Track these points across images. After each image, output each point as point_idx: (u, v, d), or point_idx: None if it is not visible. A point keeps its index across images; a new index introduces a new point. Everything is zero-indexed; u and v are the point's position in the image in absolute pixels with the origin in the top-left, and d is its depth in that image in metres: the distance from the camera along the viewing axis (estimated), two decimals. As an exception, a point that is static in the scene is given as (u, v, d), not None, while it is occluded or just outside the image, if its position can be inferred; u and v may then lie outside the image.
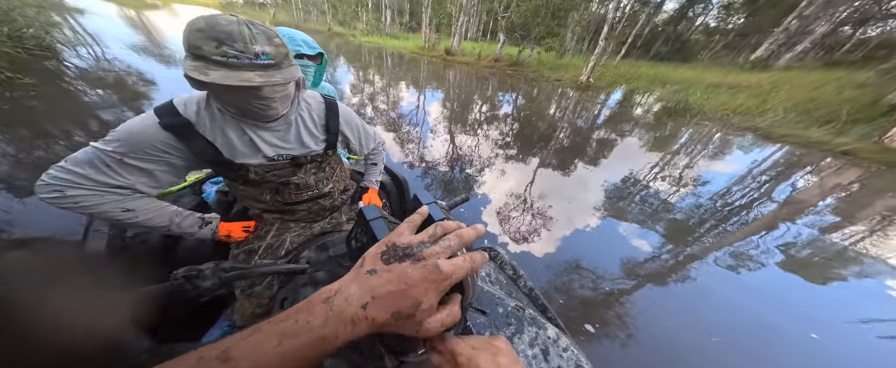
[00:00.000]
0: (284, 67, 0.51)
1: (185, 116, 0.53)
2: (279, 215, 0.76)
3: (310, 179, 0.73)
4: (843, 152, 4.60)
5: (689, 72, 11.06)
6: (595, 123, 5.34)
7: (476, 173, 2.79)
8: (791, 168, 4.10)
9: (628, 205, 2.59)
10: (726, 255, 2.06)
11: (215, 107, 0.56)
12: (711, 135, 5.33)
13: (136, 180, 0.53)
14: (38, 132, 2.26)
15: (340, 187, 0.85)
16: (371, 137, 0.86)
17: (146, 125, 0.51)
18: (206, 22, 0.44)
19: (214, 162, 0.58)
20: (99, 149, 0.49)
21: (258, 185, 0.67)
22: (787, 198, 3.14)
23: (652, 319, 1.44)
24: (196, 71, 0.44)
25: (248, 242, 0.74)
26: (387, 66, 9.30)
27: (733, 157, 4.32)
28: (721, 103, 6.87)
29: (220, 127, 0.56)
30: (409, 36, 18.18)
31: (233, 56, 0.44)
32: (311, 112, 0.68)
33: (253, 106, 0.53)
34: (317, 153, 0.70)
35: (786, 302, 1.70)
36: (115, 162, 0.50)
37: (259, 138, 0.60)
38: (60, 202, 0.48)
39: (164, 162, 0.54)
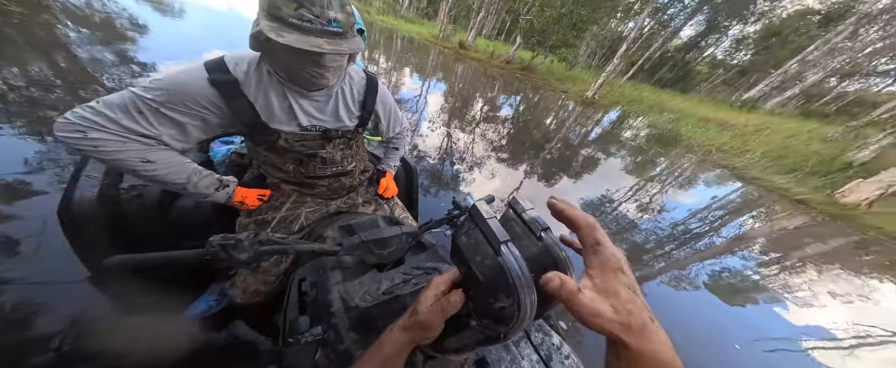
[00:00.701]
0: (350, 38, 0.51)
1: (234, 75, 0.53)
2: (298, 187, 0.73)
3: (337, 154, 0.71)
4: (798, 200, 5.12)
5: (685, 102, 11.45)
6: (589, 139, 5.56)
7: (464, 170, 2.81)
8: (750, 207, 4.56)
9: (600, 223, 2.88)
10: (671, 277, 2.37)
11: (265, 69, 0.55)
12: (686, 167, 5.71)
13: (166, 131, 0.51)
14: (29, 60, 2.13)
15: (361, 167, 0.84)
16: (399, 120, 0.85)
17: (194, 78, 0.50)
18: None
19: (250, 124, 0.57)
20: (137, 95, 0.47)
21: (284, 153, 0.65)
22: (739, 234, 3.55)
23: None
24: (273, 32, 0.44)
25: (260, 211, 0.70)
26: (396, 49, 9.06)
27: (696, 189, 4.70)
28: (708, 138, 7.28)
29: (264, 89, 0.56)
30: (424, 22, 17.49)
31: (307, 20, 0.45)
32: (353, 86, 0.67)
33: (307, 73, 0.53)
34: (348, 129, 0.69)
35: (710, 318, 2.04)
36: (151, 110, 0.48)
37: (298, 106, 0.59)
38: (78, 143, 0.45)
39: (200, 117, 0.53)
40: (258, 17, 0.47)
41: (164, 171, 0.53)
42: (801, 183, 5.51)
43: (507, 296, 0.20)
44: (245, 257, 0.37)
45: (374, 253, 0.54)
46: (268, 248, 0.39)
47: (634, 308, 0.17)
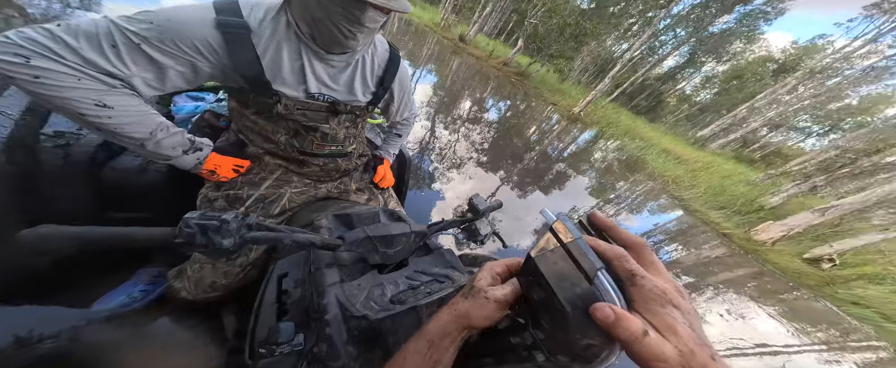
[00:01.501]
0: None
1: (245, 20, 0.45)
2: (285, 162, 0.63)
3: (340, 131, 0.62)
4: (725, 234, 6.00)
5: (653, 132, 12.55)
6: (560, 153, 5.81)
7: (441, 168, 2.76)
8: (684, 236, 5.25)
9: None
10: None
11: (284, 20, 0.47)
12: (642, 192, 6.33)
13: (140, 73, 0.41)
14: None
15: (360, 150, 0.76)
16: (411, 104, 0.78)
17: (197, 17, 0.42)
18: None
19: (250, 80, 0.49)
20: (117, 24, 0.38)
21: (278, 120, 0.55)
22: (674, 259, 4.08)
23: None
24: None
25: (233, 185, 0.58)
26: (391, 30, 8.40)
27: (643, 214, 5.24)
28: (667, 170, 8.11)
29: (277, 43, 0.48)
30: (427, 6, 16.42)
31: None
32: (375, 57, 0.60)
33: (342, 29, 0.46)
34: (359, 104, 0.61)
35: None
36: (129, 46, 0.38)
37: (310, 68, 0.52)
38: (13, 70, 0.33)
39: (190, 63, 0.43)
40: None
41: (121, 120, 0.41)
42: (728, 219, 6.45)
43: (599, 333, 0.17)
44: (229, 243, 0.28)
45: (378, 252, 0.44)
46: (259, 235, 0.31)
47: (696, 349, 0.15)
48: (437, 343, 0.24)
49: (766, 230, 6.07)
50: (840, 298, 5.06)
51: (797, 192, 7.43)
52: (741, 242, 5.86)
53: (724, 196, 7.32)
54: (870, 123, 10.44)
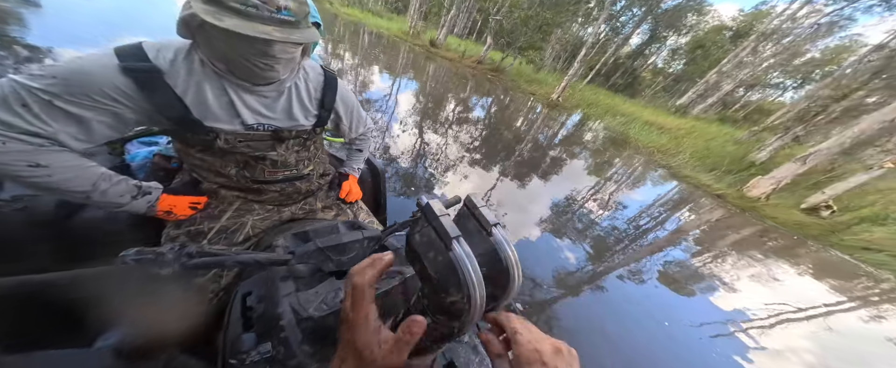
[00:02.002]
0: (303, 28, 0.46)
1: (153, 63, 0.44)
2: (242, 193, 0.64)
3: (290, 157, 0.64)
4: (717, 195, 5.94)
5: (633, 107, 12.66)
6: (554, 141, 5.79)
7: (437, 172, 2.76)
8: (682, 203, 5.15)
9: (565, 221, 2.91)
10: (627, 270, 2.51)
11: (198, 58, 0.47)
12: (636, 168, 6.30)
13: (62, 128, 0.41)
14: None
15: (320, 170, 0.76)
16: (363, 120, 0.79)
17: (100, 65, 0.41)
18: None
19: (178, 120, 0.48)
20: (21, 84, 0.37)
21: (224, 155, 0.56)
22: (675, 227, 3.97)
23: (566, 315, 1.79)
24: (209, 14, 0.38)
25: (192, 222, 0.59)
26: (363, 44, 8.49)
27: (647, 188, 5.21)
28: (650, 141, 8.12)
29: (196, 82, 0.47)
30: (394, 17, 16.54)
31: (252, 5, 0.39)
32: (308, 83, 0.61)
33: (254, 64, 0.46)
34: (304, 129, 0.62)
35: (662, 308, 2.22)
36: (41, 103, 0.38)
37: (241, 102, 0.52)
38: None
39: (109, 112, 0.43)
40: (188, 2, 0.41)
41: (60, 177, 0.43)
42: (720, 180, 6.41)
43: (458, 291, 0.21)
44: (167, 271, 0.31)
45: (332, 260, 0.49)
46: (199, 261, 0.32)
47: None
48: None
49: (756, 185, 6.04)
50: (848, 245, 4.97)
51: (782, 144, 7.48)
52: (736, 201, 5.80)
53: (712, 158, 7.32)
54: (835, 72, 10.81)
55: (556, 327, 1.67)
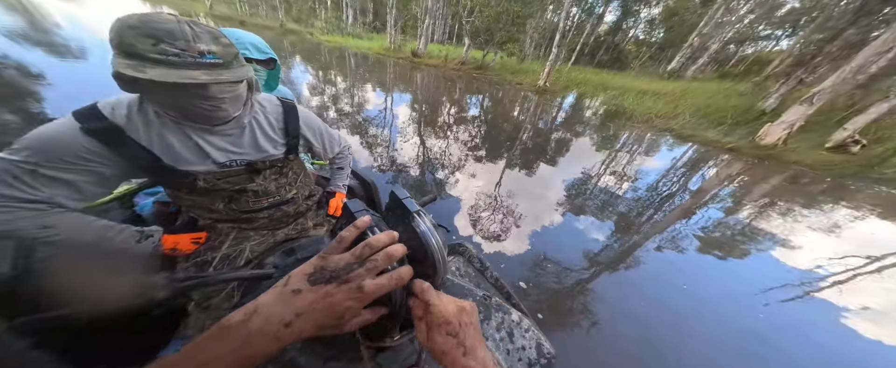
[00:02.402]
0: (234, 67, 0.47)
1: (111, 120, 0.46)
2: (235, 224, 0.69)
3: (270, 185, 0.67)
4: (730, 148, 5.66)
5: (624, 79, 12.45)
6: (552, 124, 5.68)
7: (446, 176, 2.76)
8: (698, 163, 4.88)
9: (583, 201, 2.80)
10: (660, 240, 2.33)
11: (151, 110, 0.49)
12: (642, 135, 6.08)
13: (55, 192, 0.45)
14: None
15: (305, 192, 0.79)
16: (335, 140, 0.82)
17: (63, 131, 0.44)
18: (139, 19, 0.39)
19: (153, 169, 0.52)
20: (5, 159, 0.42)
21: (208, 193, 0.61)
22: (698, 188, 3.72)
23: (605, 296, 1.66)
24: (130, 68, 0.39)
25: (198, 254, 0.66)
26: (350, 66, 8.70)
27: (659, 154, 4.99)
28: (647, 108, 7.90)
29: (157, 132, 0.50)
30: (373, 36, 17.11)
31: (173, 54, 0.40)
32: (267, 115, 0.63)
33: (199, 108, 0.48)
34: (277, 158, 0.65)
35: (708, 278, 2.00)
36: (27, 173, 0.43)
37: (207, 143, 0.54)
38: None
39: (90, 171, 0.47)
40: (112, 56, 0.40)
41: (67, 234, 0.47)
42: (729, 134, 6.12)
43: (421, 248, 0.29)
44: (162, 294, 0.35)
45: None
46: (189, 283, 0.37)
47: None
48: None
49: (768, 132, 5.73)
50: (891, 178, 4.55)
51: (788, 89, 7.14)
52: (751, 151, 5.51)
53: (716, 114, 7.03)
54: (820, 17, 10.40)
55: (602, 312, 1.50)
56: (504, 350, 0.54)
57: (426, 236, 0.29)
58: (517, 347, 0.54)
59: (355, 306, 0.22)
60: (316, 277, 0.22)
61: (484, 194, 2.52)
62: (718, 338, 1.50)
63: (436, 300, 0.25)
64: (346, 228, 0.26)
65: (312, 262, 0.24)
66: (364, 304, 0.22)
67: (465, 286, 0.63)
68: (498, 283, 0.78)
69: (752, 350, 1.45)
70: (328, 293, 0.21)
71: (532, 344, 0.55)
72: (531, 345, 0.55)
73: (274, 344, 0.20)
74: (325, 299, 0.21)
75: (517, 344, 0.54)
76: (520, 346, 0.54)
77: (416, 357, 0.41)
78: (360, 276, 0.22)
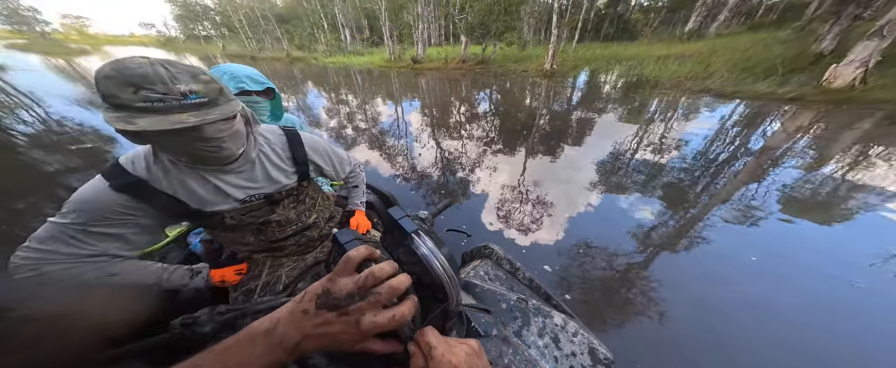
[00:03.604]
0: (221, 103, 0.46)
1: (134, 175, 0.49)
2: (268, 253, 0.73)
3: (290, 214, 0.70)
4: (792, 98, 4.89)
5: (637, 49, 11.64)
6: (569, 106, 5.32)
7: (467, 175, 2.65)
8: (755, 119, 4.24)
9: (622, 178, 2.55)
10: (727, 210, 1.98)
11: (166, 159, 0.52)
12: (675, 100, 5.50)
13: (108, 245, 0.50)
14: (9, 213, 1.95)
15: (325, 215, 0.81)
16: (345, 160, 0.82)
17: (97, 191, 0.48)
18: (112, 67, 0.38)
19: (184, 214, 0.55)
20: (57, 223, 0.47)
21: (238, 229, 0.65)
22: (762, 147, 3.17)
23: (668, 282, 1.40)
24: (121, 121, 0.39)
25: (244, 283, 0.71)
26: (357, 83, 8.89)
27: (701, 117, 4.43)
28: (673, 72, 7.21)
29: (177, 179, 0.53)
30: (373, 51, 17.64)
31: (157, 99, 0.39)
32: (273, 146, 0.65)
33: (202, 150, 0.49)
34: (291, 187, 0.67)
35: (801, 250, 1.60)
36: (79, 232, 0.48)
37: (224, 183, 0.57)
38: (40, 280, 0.47)
39: (132, 223, 0.51)
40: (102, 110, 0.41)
41: (131, 278, 0.54)
42: (785, 84, 5.32)
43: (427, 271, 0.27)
44: (209, 329, 0.39)
45: None
46: (229, 316, 0.41)
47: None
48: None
49: (836, 75, 4.89)
50: None
51: (842, 28, 6.14)
52: (820, 97, 4.71)
53: (760, 66, 6.20)
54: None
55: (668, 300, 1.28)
56: (550, 357, 0.50)
57: (428, 258, 0.27)
58: (566, 354, 0.50)
59: (353, 340, 0.21)
60: (321, 301, 0.22)
61: (509, 186, 2.41)
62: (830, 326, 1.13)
63: (439, 345, 0.23)
64: (356, 247, 0.25)
65: (323, 282, 0.23)
66: (364, 339, 0.22)
67: (497, 292, 0.58)
68: (533, 284, 0.73)
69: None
70: (327, 322, 0.21)
71: (584, 350, 0.50)
72: (583, 350, 0.50)
73: (289, 357, 0.21)
74: (325, 326, 0.21)
75: (565, 351, 0.50)
76: (568, 352, 0.50)
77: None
78: (359, 310, 0.21)
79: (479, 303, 0.56)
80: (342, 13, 19.98)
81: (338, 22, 20.46)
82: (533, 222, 1.94)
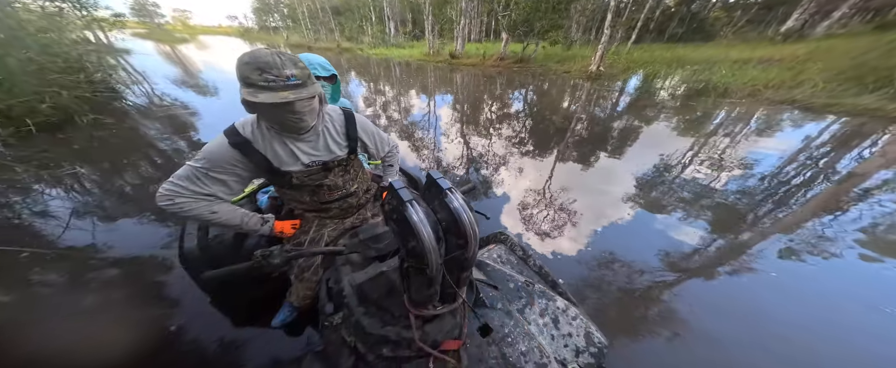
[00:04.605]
0: (309, 85, 0.63)
1: (243, 136, 0.67)
2: (317, 213, 0.91)
3: (339, 180, 0.85)
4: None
5: (711, 50, 10.40)
6: (613, 111, 5.13)
7: (491, 173, 2.76)
8: (851, 139, 3.66)
9: (663, 194, 2.44)
10: (792, 240, 1.80)
11: (264, 126, 0.69)
12: (748, 112, 4.95)
13: (217, 188, 0.68)
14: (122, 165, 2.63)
15: (364, 187, 0.97)
16: (385, 141, 0.97)
17: (220, 145, 0.66)
18: (250, 56, 0.56)
19: (267, 171, 0.72)
20: (192, 166, 0.65)
21: (299, 188, 0.81)
22: (851, 172, 2.76)
23: (699, 311, 1.30)
24: (249, 95, 0.57)
25: (296, 237, 0.88)
26: (395, 75, 9.54)
27: (779, 133, 3.97)
28: (750, 79, 6.40)
29: (269, 142, 0.70)
30: (413, 44, 18.57)
31: (271, 80, 0.56)
32: (334, 123, 0.80)
33: (289, 120, 0.65)
34: (342, 158, 0.82)
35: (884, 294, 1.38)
36: (203, 175, 0.66)
37: (296, 149, 0.73)
38: (170, 208, 0.65)
39: (234, 173, 0.69)
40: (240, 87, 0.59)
41: (224, 217, 0.71)
42: None
43: (414, 237, 0.32)
44: (278, 261, 0.50)
45: (372, 247, 0.67)
46: (293, 254, 0.53)
47: None
48: None
49: None
50: None
51: None
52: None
53: (871, 75, 5.23)
54: None
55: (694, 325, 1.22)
56: (548, 335, 0.56)
57: (458, 211, 0.33)
58: (563, 334, 0.56)
59: None
60: None
61: (532, 190, 2.45)
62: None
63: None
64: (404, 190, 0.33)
65: None
66: None
67: (506, 273, 0.66)
68: (542, 271, 0.79)
69: None
70: None
71: (580, 332, 0.56)
72: (579, 333, 0.56)
73: None
74: None
75: (563, 331, 0.56)
76: (566, 333, 0.56)
77: (458, 332, 0.47)
78: None
79: (489, 280, 0.64)
80: (389, 6, 21.37)
81: (384, 15, 21.95)
82: (554, 228, 1.96)
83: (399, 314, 0.47)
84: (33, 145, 2.84)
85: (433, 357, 0.43)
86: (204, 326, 1.17)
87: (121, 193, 2.22)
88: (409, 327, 0.44)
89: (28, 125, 2.99)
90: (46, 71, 3.58)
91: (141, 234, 1.78)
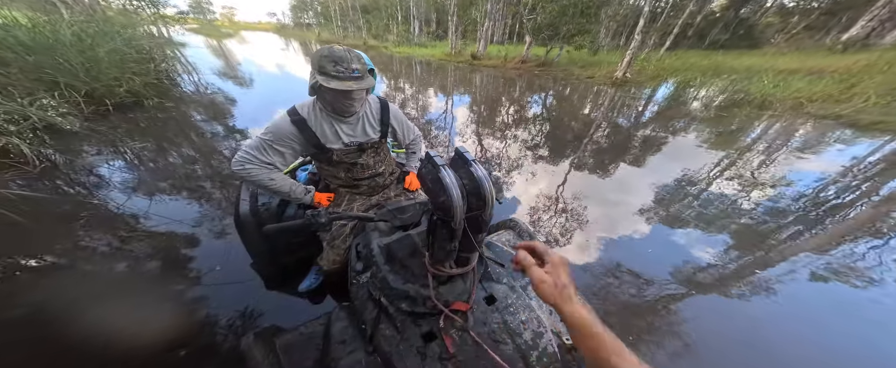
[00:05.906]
0: (366, 78, 0.79)
1: (301, 116, 0.84)
2: (349, 189, 1.08)
3: (370, 160, 1.01)
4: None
5: (755, 59, 10.03)
6: (637, 120, 5.15)
7: (502, 176, 2.88)
8: None
9: (683, 208, 2.44)
10: (824, 265, 1.78)
11: (318, 108, 0.86)
12: (789, 128, 4.81)
13: (277, 159, 0.85)
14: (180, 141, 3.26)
15: (390, 169, 1.16)
16: (411, 129, 1.15)
17: (284, 121, 0.83)
18: (329, 50, 0.74)
19: (315, 146, 0.88)
20: (261, 138, 0.83)
21: (337, 165, 0.97)
22: (889, 195, 2.65)
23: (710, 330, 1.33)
24: (324, 81, 0.73)
25: (329, 208, 1.04)
26: (416, 73, 10.05)
27: (820, 152, 3.83)
28: (795, 91, 6.20)
29: (319, 122, 0.86)
30: (436, 44, 19.33)
31: (342, 71, 0.73)
32: (372, 110, 0.97)
33: (344, 105, 0.82)
34: (374, 141, 0.98)
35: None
36: (268, 146, 0.83)
37: (339, 130, 0.89)
38: (241, 172, 0.83)
39: (290, 147, 0.86)
40: (312, 74, 0.78)
41: (278, 184, 0.89)
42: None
43: (444, 193, 0.41)
44: (324, 220, 0.65)
45: (397, 217, 0.77)
46: (335, 215, 0.67)
47: (565, 289, 0.31)
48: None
49: None
50: None
51: None
52: None
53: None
54: None
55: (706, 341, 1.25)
56: (546, 310, 0.65)
57: (481, 179, 0.41)
58: None
59: None
60: None
61: (544, 195, 2.51)
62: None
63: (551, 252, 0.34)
64: None
65: None
66: None
67: (513, 254, 0.69)
68: None
69: None
70: None
71: None
72: None
73: None
74: None
75: None
76: None
77: (467, 296, 0.55)
78: None
79: (497, 258, 0.75)
80: (415, 6, 22.40)
81: (411, 14, 22.95)
82: (562, 233, 2.04)
83: (419, 273, 0.56)
84: (109, 121, 3.57)
85: (444, 314, 0.51)
86: (240, 288, 1.38)
87: (177, 166, 2.71)
88: (426, 286, 0.53)
89: (107, 105, 3.76)
90: (125, 60, 4.41)
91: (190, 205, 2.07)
